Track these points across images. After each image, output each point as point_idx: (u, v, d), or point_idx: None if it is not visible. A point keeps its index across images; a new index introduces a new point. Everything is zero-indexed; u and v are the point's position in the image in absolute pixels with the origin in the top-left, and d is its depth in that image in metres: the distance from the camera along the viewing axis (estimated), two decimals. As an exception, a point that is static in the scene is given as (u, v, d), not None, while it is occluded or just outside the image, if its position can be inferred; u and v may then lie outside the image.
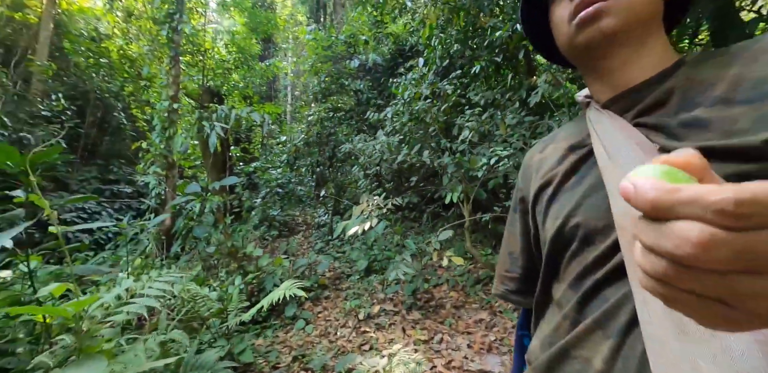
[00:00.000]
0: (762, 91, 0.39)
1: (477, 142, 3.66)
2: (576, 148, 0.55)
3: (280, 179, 7.07)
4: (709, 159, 0.38)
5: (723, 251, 0.18)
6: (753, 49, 0.43)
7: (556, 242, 0.51)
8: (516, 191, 0.68)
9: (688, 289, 0.20)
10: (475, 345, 2.40)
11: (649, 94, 0.47)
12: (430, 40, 4.64)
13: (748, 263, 0.18)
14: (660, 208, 0.19)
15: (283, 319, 3.05)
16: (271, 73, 9.34)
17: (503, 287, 0.68)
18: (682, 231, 0.18)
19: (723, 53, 0.45)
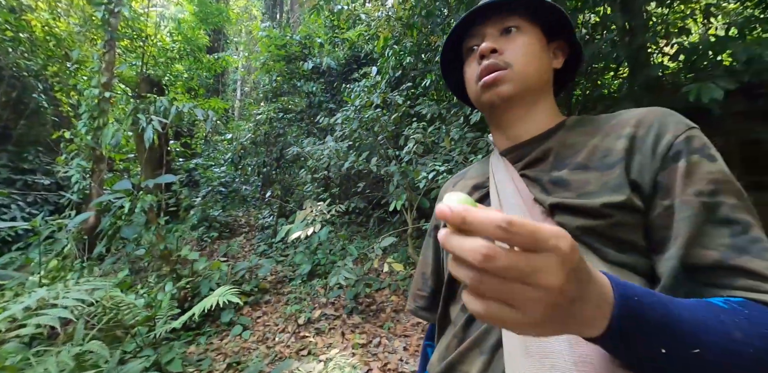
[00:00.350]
0: (607, 162, 0.50)
1: (422, 153, 3.82)
2: (479, 188, 0.66)
3: (224, 178, 6.79)
4: (564, 212, 0.49)
5: (500, 262, 0.24)
6: (611, 124, 0.55)
7: None
8: (432, 219, 0.80)
9: (487, 293, 0.26)
10: (411, 348, 2.52)
11: (533, 151, 0.59)
12: (385, 51, 4.77)
13: (518, 275, 0.25)
14: (466, 222, 0.25)
15: (219, 325, 2.96)
16: (220, 66, 8.94)
17: (415, 303, 0.78)
18: (475, 245, 0.25)
19: (591, 122, 0.58)
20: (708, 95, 2.06)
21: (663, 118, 0.49)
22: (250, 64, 9.83)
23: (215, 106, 7.76)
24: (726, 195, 0.43)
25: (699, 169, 0.44)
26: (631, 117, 0.52)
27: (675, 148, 0.46)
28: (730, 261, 0.39)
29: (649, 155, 0.47)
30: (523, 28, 0.59)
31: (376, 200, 4.97)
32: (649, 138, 0.48)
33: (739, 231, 0.41)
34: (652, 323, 0.31)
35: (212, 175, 6.64)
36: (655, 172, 0.46)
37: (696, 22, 3.14)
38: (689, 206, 0.43)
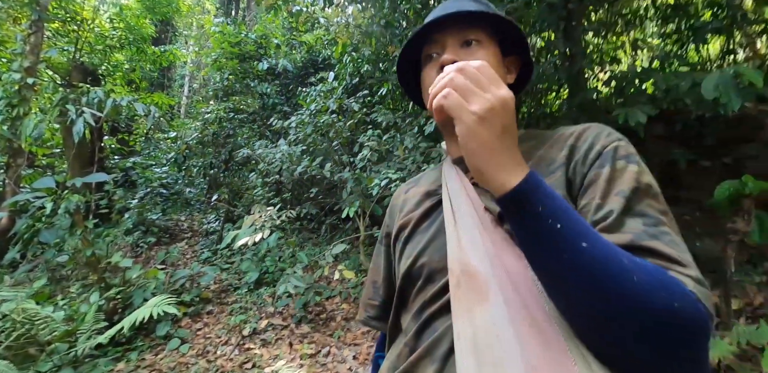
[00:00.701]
0: (551, 169, 0.55)
1: (377, 160, 3.85)
2: (431, 195, 0.68)
3: (165, 179, 6.36)
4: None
5: (468, 71, 0.43)
6: (555, 137, 0.60)
7: (406, 278, 0.62)
8: (384, 226, 0.79)
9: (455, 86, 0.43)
10: (361, 356, 2.50)
11: None
12: (342, 57, 4.77)
13: (477, 82, 0.42)
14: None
15: (154, 339, 2.74)
16: (166, 60, 8.40)
17: (366, 313, 0.77)
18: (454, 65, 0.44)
19: (536, 136, 0.63)
20: (634, 119, 2.29)
21: (599, 132, 0.55)
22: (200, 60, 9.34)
23: (159, 102, 7.27)
24: (644, 197, 0.47)
25: (622, 174, 0.48)
26: (573, 131, 0.58)
27: (603, 156, 0.51)
28: (641, 242, 0.42)
29: (582, 161, 0.53)
30: (483, 41, 0.62)
31: (329, 206, 4.92)
32: (584, 147, 0.54)
33: (652, 223, 0.44)
34: (555, 201, 0.39)
35: (152, 176, 6.19)
36: (584, 175, 0.51)
37: (625, 53, 3.48)
38: (610, 203, 0.46)
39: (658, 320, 0.36)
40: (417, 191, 0.72)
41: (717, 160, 2.76)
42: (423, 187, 0.71)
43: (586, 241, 0.37)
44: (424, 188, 0.71)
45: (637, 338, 0.36)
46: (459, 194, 0.60)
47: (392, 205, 0.77)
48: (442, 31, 0.62)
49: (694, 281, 0.39)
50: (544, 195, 0.40)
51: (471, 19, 0.61)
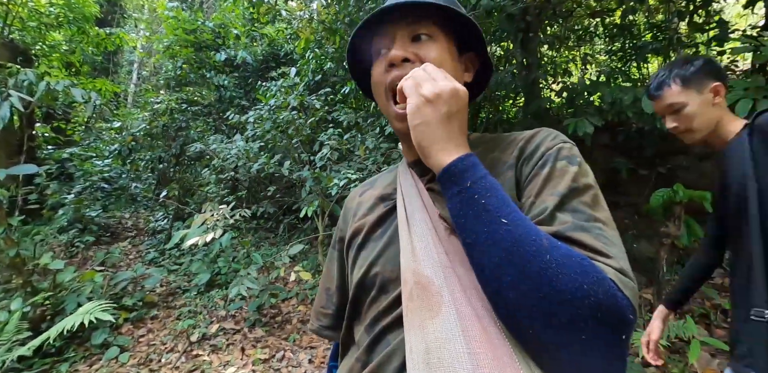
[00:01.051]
0: (503, 170, 0.56)
1: (337, 160, 3.80)
2: (385, 200, 0.66)
3: (108, 172, 5.89)
4: None
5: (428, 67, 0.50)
6: (508, 141, 0.60)
7: (359, 288, 0.60)
8: (337, 230, 0.75)
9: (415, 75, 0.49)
10: (317, 360, 2.45)
11: None
12: (305, 53, 4.66)
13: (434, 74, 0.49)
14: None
15: (88, 348, 2.52)
16: (112, 43, 7.77)
17: (318, 322, 0.73)
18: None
19: (491, 140, 0.63)
20: (582, 129, 2.43)
21: (546, 135, 0.57)
22: (151, 46, 8.74)
23: (102, 88, 6.71)
24: (580, 196, 0.47)
25: (562, 174, 0.49)
26: (525, 135, 0.59)
27: (546, 156, 0.52)
28: (567, 232, 0.42)
29: (527, 161, 0.54)
30: (435, 36, 0.58)
31: (287, 205, 4.80)
32: (531, 148, 0.55)
33: (583, 218, 0.44)
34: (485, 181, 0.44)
35: (92, 169, 5.70)
36: (527, 174, 0.53)
37: (576, 66, 3.69)
38: (546, 200, 0.47)
39: (566, 300, 0.35)
40: (372, 194, 0.69)
41: (653, 170, 3.00)
42: (378, 190, 0.69)
43: (507, 218, 0.40)
44: (378, 191, 0.69)
45: (547, 321, 0.36)
46: (414, 199, 0.59)
47: (346, 208, 0.74)
48: (393, 23, 0.58)
49: (616, 270, 0.39)
50: (473, 173, 0.45)
51: (424, 12, 0.57)
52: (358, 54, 0.66)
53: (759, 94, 1.92)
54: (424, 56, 0.56)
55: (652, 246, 2.77)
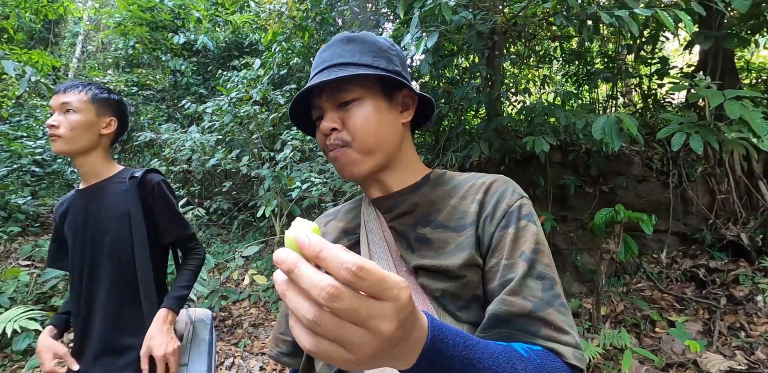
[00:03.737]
0: (463, 223, 0.58)
1: (299, 160, 3.73)
2: (349, 234, 0.68)
3: (41, 155, 5.33)
4: (426, 275, 0.57)
5: (343, 304, 0.25)
6: (466, 188, 0.63)
7: None
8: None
9: (322, 332, 0.27)
10: (269, 367, 2.39)
11: (402, 204, 0.64)
12: (272, 45, 4.51)
13: (356, 319, 0.26)
14: (320, 258, 0.26)
15: (8, 355, 2.28)
16: (54, 12, 7.03)
17: (277, 349, 0.73)
18: (324, 282, 0.25)
19: (451, 181, 0.66)
20: (539, 147, 2.58)
21: (504, 189, 0.60)
22: (100, 20, 8.01)
23: (39, 61, 6.05)
24: (541, 255, 0.53)
25: (525, 233, 0.54)
26: (483, 183, 0.62)
27: (508, 215, 0.56)
28: (538, 313, 0.49)
29: (489, 218, 0.57)
30: (361, 98, 0.60)
31: (243, 201, 4.64)
32: (491, 204, 0.58)
33: (548, 287, 0.51)
34: (454, 366, 0.36)
35: (22, 150, 5.14)
36: (492, 233, 0.56)
37: (536, 85, 3.89)
38: (515, 264, 0.52)
39: None
40: (336, 226, 0.71)
41: (597, 188, 3.26)
42: (341, 222, 0.71)
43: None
44: (342, 223, 0.71)
45: None
46: (376, 238, 0.62)
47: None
48: (319, 96, 0.61)
49: (574, 347, 0.48)
50: (436, 368, 0.35)
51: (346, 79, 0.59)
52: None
53: (691, 129, 2.16)
54: (349, 123, 0.59)
55: (592, 258, 3.02)
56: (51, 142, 1.08)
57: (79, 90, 1.10)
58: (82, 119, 1.08)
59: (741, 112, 2.02)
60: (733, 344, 2.10)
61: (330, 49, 0.64)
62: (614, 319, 2.46)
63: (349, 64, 0.60)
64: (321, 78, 0.58)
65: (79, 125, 1.08)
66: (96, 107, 1.11)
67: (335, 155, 0.61)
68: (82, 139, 1.09)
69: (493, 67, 3.33)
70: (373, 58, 0.62)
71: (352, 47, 0.62)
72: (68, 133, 1.07)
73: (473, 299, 0.54)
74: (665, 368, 1.98)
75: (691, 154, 3.24)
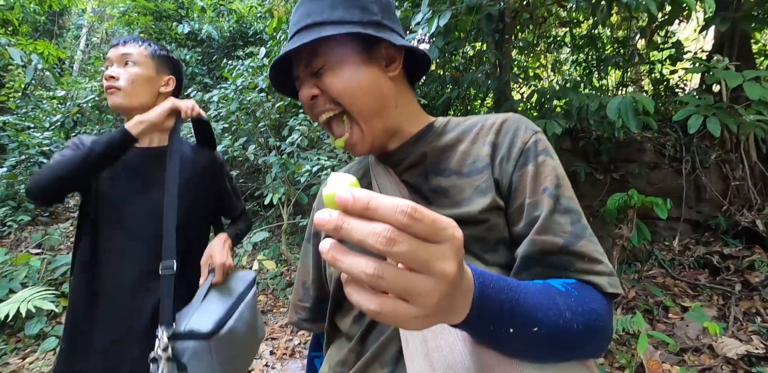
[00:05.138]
0: (477, 167, 0.56)
1: (306, 147, 3.71)
2: None
3: (48, 146, 5.35)
4: None
5: (404, 246, 0.24)
6: (476, 130, 0.60)
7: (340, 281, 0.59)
8: (311, 223, 0.73)
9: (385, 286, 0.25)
10: (278, 351, 2.40)
11: (409, 155, 0.61)
12: (277, 34, 4.46)
13: (419, 262, 0.25)
14: (370, 207, 0.24)
15: (21, 339, 2.30)
16: (59, 3, 7.01)
17: (297, 315, 0.73)
18: (378, 228, 0.24)
19: (458, 126, 0.62)
20: (551, 130, 2.52)
21: (516, 126, 0.57)
22: (104, 10, 7.98)
23: (45, 52, 6.05)
24: (564, 189, 0.52)
25: (545, 169, 0.53)
26: (493, 124, 0.59)
27: (525, 153, 0.54)
28: (571, 247, 0.48)
29: (506, 159, 0.55)
30: (335, 61, 0.55)
31: (250, 190, 4.63)
32: (505, 144, 0.56)
33: (576, 219, 0.50)
34: (503, 309, 0.36)
35: (29, 140, 5.16)
36: (511, 174, 0.54)
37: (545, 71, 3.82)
38: (540, 201, 0.51)
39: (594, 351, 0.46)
40: None
41: (608, 175, 3.21)
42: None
43: (536, 325, 0.38)
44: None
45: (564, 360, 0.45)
46: (390, 193, 0.59)
47: (320, 200, 0.73)
48: (297, 66, 0.58)
49: (608, 276, 0.48)
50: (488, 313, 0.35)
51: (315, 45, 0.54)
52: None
53: (708, 111, 2.10)
54: (328, 89, 0.56)
55: (603, 245, 2.98)
56: (108, 96, 1.01)
57: (139, 44, 1.04)
58: (143, 73, 1.02)
59: (761, 93, 1.96)
60: (750, 329, 2.07)
61: (300, 8, 0.59)
62: (626, 305, 2.43)
63: (319, 23, 0.55)
64: (288, 47, 0.54)
65: (139, 78, 1.02)
66: (156, 63, 1.05)
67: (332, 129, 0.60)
68: (142, 94, 1.03)
69: (502, 53, 3.27)
70: (346, 10, 0.56)
71: (322, 3, 0.57)
72: (128, 86, 1.01)
73: (499, 242, 0.53)
74: (680, 353, 1.96)
75: (705, 140, 3.18)
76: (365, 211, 0.24)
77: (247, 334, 1.00)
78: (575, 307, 0.42)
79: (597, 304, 0.45)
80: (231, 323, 0.94)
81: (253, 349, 1.09)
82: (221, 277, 1.01)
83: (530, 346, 0.40)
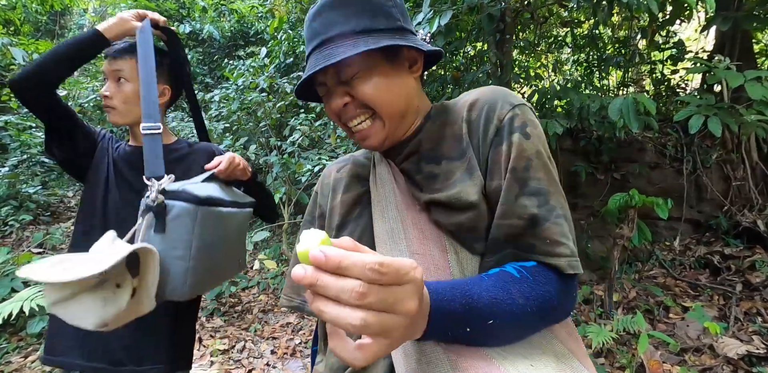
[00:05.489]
0: (462, 148, 0.56)
1: (306, 146, 3.71)
2: (360, 180, 0.67)
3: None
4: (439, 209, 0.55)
5: (373, 297, 0.28)
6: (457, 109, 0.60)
7: None
8: (314, 205, 0.74)
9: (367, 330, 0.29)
10: (279, 350, 2.40)
11: (408, 145, 0.62)
12: (278, 33, 4.47)
13: (386, 307, 0.29)
14: (341, 267, 0.28)
15: (23, 338, 2.31)
16: (60, 3, 7.01)
17: (300, 298, 0.69)
18: (350, 285, 0.28)
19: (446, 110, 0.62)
20: (552, 129, 2.53)
21: (492, 100, 0.56)
22: (105, 10, 7.99)
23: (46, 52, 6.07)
24: (533, 171, 0.51)
25: (517, 148, 0.52)
26: (467, 101, 0.59)
27: (500, 131, 0.53)
28: (532, 229, 0.49)
29: (482, 138, 0.55)
30: (363, 69, 0.55)
31: (251, 190, 4.63)
32: (480, 121, 0.55)
33: (543, 201, 0.50)
34: (456, 315, 0.40)
35: (31, 140, 5.17)
36: (486, 154, 0.54)
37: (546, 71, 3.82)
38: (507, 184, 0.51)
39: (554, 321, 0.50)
40: (350, 171, 0.70)
41: (609, 175, 3.21)
42: (354, 168, 0.70)
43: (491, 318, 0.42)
44: (354, 169, 0.70)
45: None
46: (386, 184, 0.61)
47: (324, 184, 0.73)
48: (323, 74, 0.57)
49: (569, 257, 0.49)
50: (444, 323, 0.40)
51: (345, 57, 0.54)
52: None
53: (709, 111, 2.10)
54: (360, 97, 0.56)
55: (603, 246, 2.98)
56: (106, 112, 1.03)
57: (130, 56, 1.01)
58: (136, 89, 1.00)
59: (763, 92, 1.96)
60: (750, 329, 2.07)
61: (319, 16, 0.58)
62: (626, 305, 2.44)
63: (348, 34, 0.55)
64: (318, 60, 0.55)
65: (132, 97, 1.01)
66: None
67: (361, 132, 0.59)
68: (137, 111, 1.00)
69: (503, 52, 3.27)
70: (371, 19, 0.56)
71: (345, 11, 0.56)
72: (122, 106, 1.01)
73: (486, 228, 0.53)
74: (680, 353, 1.96)
75: (706, 140, 3.17)
76: (338, 270, 0.28)
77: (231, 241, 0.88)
78: (528, 292, 0.45)
79: (551, 285, 0.47)
80: (223, 210, 0.83)
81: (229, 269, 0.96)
82: (226, 165, 0.91)
83: (489, 336, 0.44)
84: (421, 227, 0.54)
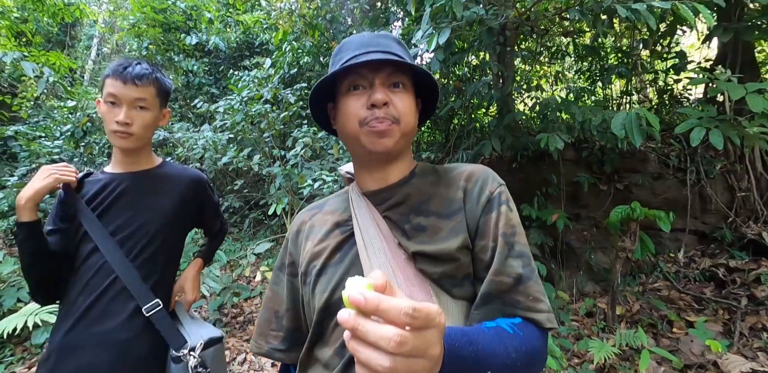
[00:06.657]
0: (453, 209, 0.64)
1: (310, 157, 3.74)
2: (341, 226, 0.69)
3: (58, 155, 5.45)
4: (425, 260, 0.60)
5: (409, 345, 0.30)
6: (451, 176, 0.68)
7: (323, 312, 0.63)
8: (286, 253, 0.76)
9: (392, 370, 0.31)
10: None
11: (395, 195, 0.67)
12: (282, 45, 4.54)
13: (418, 352, 0.32)
14: (379, 310, 0.31)
15: (27, 349, 2.33)
16: (71, 15, 7.18)
17: (269, 345, 0.73)
18: (389, 333, 0.30)
19: (435, 172, 0.71)
20: (553, 145, 2.53)
21: (484, 175, 0.67)
22: (115, 22, 8.17)
23: (57, 63, 6.19)
24: (519, 236, 0.61)
25: (505, 217, 0.62)
26: (464, 172, 0.68)
27: (491, 201, 0.63)
28: (519, 286, 0.57)
29: (475, 204, 0.63)
30: (406, 86, 0.66)
31: (254, 200, 4.67)
32: (475, 191, 0.65)
33: (526, 263, 0.59)
34: (466, 362, 0.43)
35: (40, 150, 5.26)
36: (478, 218, 0.62)
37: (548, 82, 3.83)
38: (498, 246, 0.59)
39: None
40: (323, 219, 0.72)
41: (612, 185, 3.19)
42: (330, 215, 0.72)
43: (489, 368, 0.46)
44: (331, 216, 0.71)
45: None
46: (370, 228, 0.64)
47: (295, 232, 0.75)
48: (375, 71, 0.63)
49: (547, 312, 0.57)
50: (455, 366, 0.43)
51: (400, 64, 0.63)
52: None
53: (710, 123, 2.09)
54: (396, 103, 0.63)
55: (606, 257, 2.96)
56: (118, 139, 1.00)
57: (150, 82, 1.02)
58: (154, 115, 1.05)
59: (764, 105, 1.95)
60: (755, 345, 2.03)
61: (362, 37, 0.69)
62: (630, 319, 2.41)
63: (393, 53, 0.65)
64: (376, 55, 0.62)
65: (151, 122, 1.05)
66: (160, 101, 1.07)
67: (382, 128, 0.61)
68: (149, 135, 1.07)
69: (505, 64, 3.29)
70: (404, 53, 0.68)
71: (386, 41, 0.68)
72: (142, 132, 1.03)
73: (465, 277, 0.61)
74: (684, 370, 1.93)
75: (709, 150, 3.16)
76: (375, 312, 0.31)
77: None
78: (519, 346, 0.50)
79: (537, 341, 0.54)
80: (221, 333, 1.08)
81: None
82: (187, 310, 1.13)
83: None
84: (407, 274, 0.60)
